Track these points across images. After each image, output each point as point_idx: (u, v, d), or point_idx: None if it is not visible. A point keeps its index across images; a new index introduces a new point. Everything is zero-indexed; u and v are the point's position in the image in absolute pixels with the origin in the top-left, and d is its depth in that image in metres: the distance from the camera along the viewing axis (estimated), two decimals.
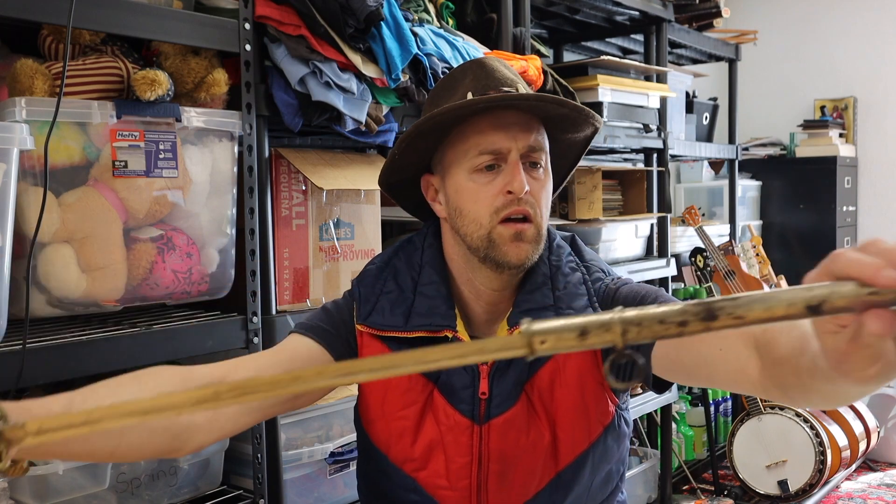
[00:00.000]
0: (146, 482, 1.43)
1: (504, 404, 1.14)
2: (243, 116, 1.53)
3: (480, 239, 1.12)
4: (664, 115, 2.76)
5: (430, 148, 1.18)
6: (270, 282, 1.60)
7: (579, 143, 1.23)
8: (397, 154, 1.16)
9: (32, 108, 1.24)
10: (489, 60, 1.20)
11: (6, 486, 1.25)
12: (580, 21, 2.86)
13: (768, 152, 4.39)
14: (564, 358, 1.14)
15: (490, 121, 1.10)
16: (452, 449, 1.15)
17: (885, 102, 4.41)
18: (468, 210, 1.12)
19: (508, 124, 1.11)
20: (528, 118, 1.12)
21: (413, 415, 1.16)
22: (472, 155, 1.11)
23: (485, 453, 1.14)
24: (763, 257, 3.71)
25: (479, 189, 1.11)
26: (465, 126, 1.12)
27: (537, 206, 1.12)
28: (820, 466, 3.00)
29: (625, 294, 1.15)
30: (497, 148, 1.10)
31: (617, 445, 1.20)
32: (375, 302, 1.18)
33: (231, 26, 1.50)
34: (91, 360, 1.31)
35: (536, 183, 1.13)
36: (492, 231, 1.11)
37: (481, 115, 1.11)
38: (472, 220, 1.12)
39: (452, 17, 2.10)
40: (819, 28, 4.53)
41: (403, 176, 1.23)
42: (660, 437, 3.01)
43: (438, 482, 1.16)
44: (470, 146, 1.11)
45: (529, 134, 1.11)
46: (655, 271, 2.79)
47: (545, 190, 1.14)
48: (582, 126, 1.18)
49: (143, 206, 1.38)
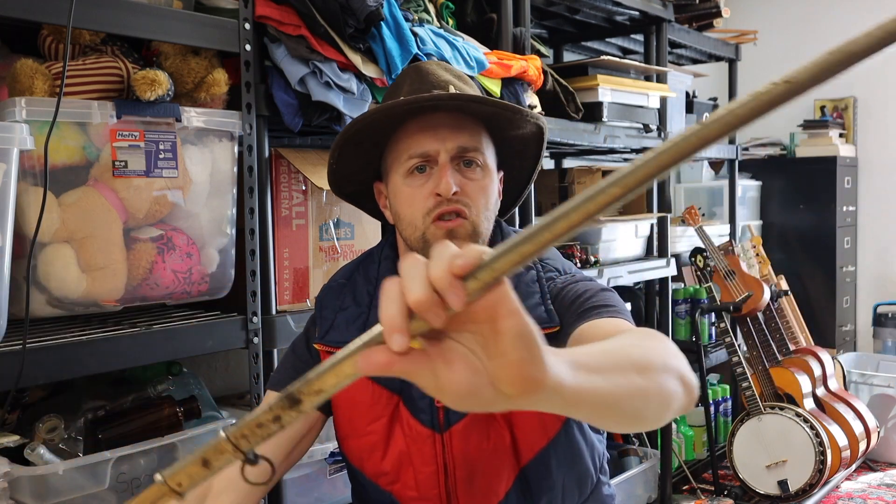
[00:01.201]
0: (146, 482, 1.43)
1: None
2: (243, 116, 1.53)
3: (417, 241, 1.14)
4: (664, 115, 2.76)
5: (371, 156, 1.19)
6: (270, 282, 1.60)
7: (530, 139, 1.22)
8: (334, 164, 1.18)
9: (32, 108, 1.24)
10: (426, 65, 1.21)
11: (6, 486, 1.25)
12: (580, 21, 2.86)
13: (768, 152, 4.39)
14: None
15: (419, 124, 1.12)
16: (418, 459, 1.16)
17: (885, 102, 4.41)
18: (404, 213, 1.15)
19: (436, 126, 1.11)
20: (458, 119, 1.13)
21: (381, 429, 1.17)
22: (403, 159, 1.13)
23: (450, 461, 1.15)
24: (763, 257, 3.71)
25: (412, 192, 1.13)
26: (399, 132, 1.14)
27: (473, 203, 1.12)
28: (820, 466, 3.00)
29: (564, 295, 1.13)
30: (424, 151, 1.11)
31: (585, 440, 1.20)
32: (333, 319, 1.21)
33: (231, 26, 1.50)
34: (91, 360, 1.31)
35: (471, 182, 1.13)
36: (426, 232, 1.12)
37: (412, 119, 1.12)
38: (409, 223, 1.14)
39: (452, 17, 2.10)
40: (819, 28, 4.53)
41: (359, 186, 1.25)
42: (660, 437, 3.01)
43: (410, 494, 1.17)
44: (402, 151, 1.13)
45: (459, 134, 1.12)
46: (655, 271, 2.79)
47: (482, 187, 1.14)
48: (520, 123, 1.17)
49: (143, 206, 1.38)
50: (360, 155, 1.18)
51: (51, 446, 1.39)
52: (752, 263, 3.66)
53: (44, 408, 1.49)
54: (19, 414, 1.48)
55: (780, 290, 3.58)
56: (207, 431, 1.53)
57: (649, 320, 2.88)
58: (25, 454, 1.33)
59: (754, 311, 3.26)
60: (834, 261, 4.16)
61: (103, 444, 1.39)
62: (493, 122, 1.17)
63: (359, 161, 1.19)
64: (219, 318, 1.54)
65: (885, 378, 3.66)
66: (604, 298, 1.10)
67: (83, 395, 1.53)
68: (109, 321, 1.44)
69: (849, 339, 4.37)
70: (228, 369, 2.10)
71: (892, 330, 4.16)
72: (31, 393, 1.55)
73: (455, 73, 1.22)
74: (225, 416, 1.62)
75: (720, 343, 3.30)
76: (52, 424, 1.42)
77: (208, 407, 1.63)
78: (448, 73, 1.20)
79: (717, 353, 3.37)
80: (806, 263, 4.22)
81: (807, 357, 3.33)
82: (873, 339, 4.28)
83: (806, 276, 4.21)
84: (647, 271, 2.75)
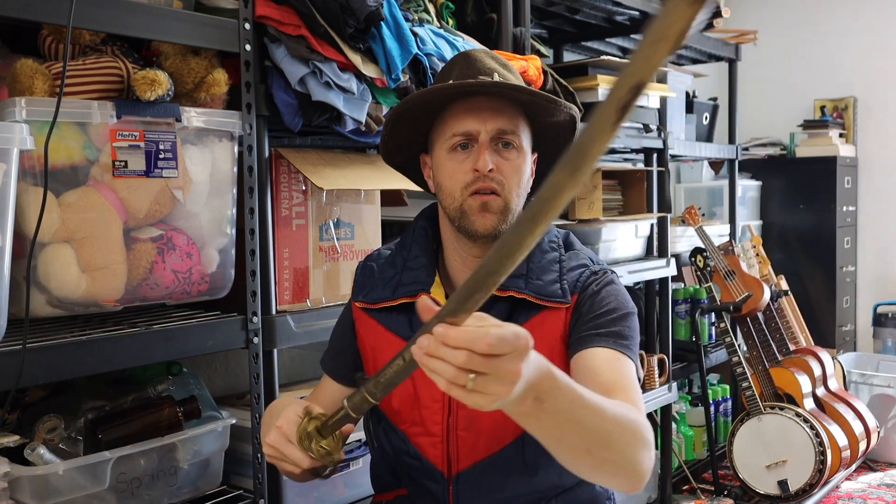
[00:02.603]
0: (146, 482, 1.43)
1: None
2: (243, 116, 1.53)
3: (455, 210, 1.24)
4: (664, 115, 2.76)
5: (419, 131, 1.30)
6: (270, 282, 1.60)
7: (565, 125, 1.31)
8: (386, 136, 1.31)
9: (32, 108, 1.24)
10: (474, 52, 1.32)
11: (6, 486, 1.26)
12: (580, 21, 2.86)
13: (768, 152, 4.39)
14: (539, 323, 1.23)
15: (464, 106, 1.23)
16: (426, 396, 1.26)
17: (885, 102, 4.41)
18: (445, 185, 1.26)
19: (480, 109, 1.22)
20: (500, 103, 1.24)
21: None
22: (448, 136, 1.24)
23: (453, 398, 1.20)
24: (763, 257, 3.71)
25: (454, 166, 1.24)
26: (445, 112, 1.25)
27: (506, 182, 1.23)
28: (820, 466, 3.00)
29: (594, 297, 1.25)
30: (467, 130, 1.22)
31: None
32: (372, 286, 1.35)
33: (231, 26, 1.50)
34: (91, 360, 1.31)
35: (507, 162, 1.24)
36: (463, 203, 1.23)
37: (458, 100, 1.23)
38: (448, 194, 1.25)
39: (452, 17, 2.10)
40: (819, 28, 4.53)
41: (408, 155, 1.35)
42: (660, 437, 3.01)
43: (416, 430, 1.27)
44: (447, 129, 1.24)
45: (499, 117, 1.23)
46: (655, 271, 2.79)
47: (517, 167, 1.25)
48: (554, 112, 1.27)
49: (143, 206, 1.38)
50: (411, 129, 1.29)
51: (51, 446, 1.39)
52: (752, 263, 3.65)
53: (44, 408, 1.49)
54: (19, 414, 1.48)
55: (780, 290, 3.58)
56: (207, 431, 1.53)
57: (649, 320, 2.88)
58: (25, 454, 1.33)
59: (754, 311, 3.26)
60: (834, 261, 4.16)
61: (103, 444, 1.39)
62: (530, 108, 1.27)
63: (409, 134, 1.30)
64: (219, 318, 1.54)
65: (885, 378, 3.66)
66: (625, 327, 1.22)
67: (83, 395, 1.53)
68: (109, 321, 1.44)
69: (849, 339, 4.37)
70: (228, 369, 2.10)
71: (892, 330, 4.16)
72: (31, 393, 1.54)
73: (501, 61, 1.32)
74: (225, 416, 1.62)
75: (720, 343, 3.30)
76: (52, 424, 1.42)
77: (208, 407, 1.63)
78: (494, 62, 1.30)
79: (717, 353, 3.37)
80: (806, 263, 4.22)
81: (807, 357, 3.33)
82: (873, 339, 4.28)
83: (806, 276, 4.21)
84: (648, 271, 2.75)
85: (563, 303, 1.24)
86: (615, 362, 1.17)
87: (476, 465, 1.24)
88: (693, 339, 3.22)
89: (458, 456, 1.25)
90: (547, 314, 1.24)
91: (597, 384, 1.07)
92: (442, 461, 1.26)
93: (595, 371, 1.15)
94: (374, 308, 1.32)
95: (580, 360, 1.19)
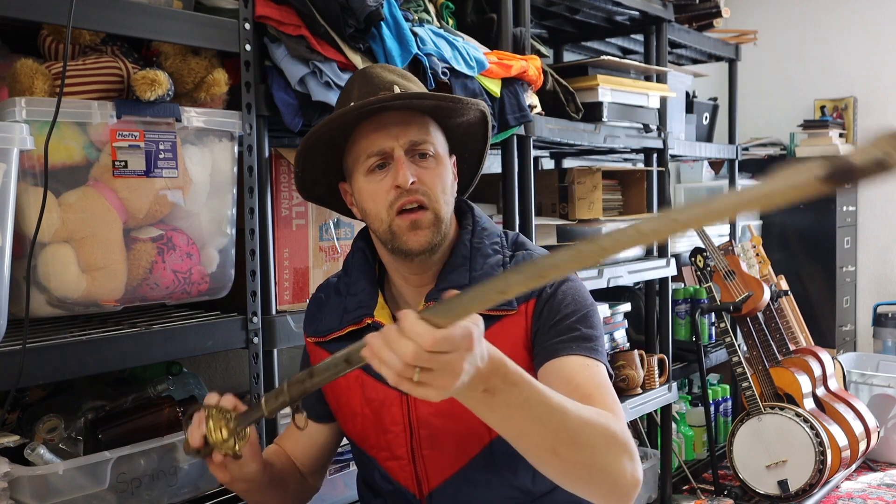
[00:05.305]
0: (146, 482, 1.43)
1: None
2: (243, 116, 1.53)
3: (384, 232, 1.22)
4: (664, 115, 2.76)
5: (332, 160, 1.27)
6: (270, 282, 1.60)
7: (476, 124, 1.30)
8: (300, 171, 1.27)
9: (32, 108, 1.24)
10: (371, 68, 1.29)
11: (6, 486, 1.25)
12: (580, 21, 2.86)
13: (768, 152, 4.39)
14: (499, 331, 1.20)
15: (372, 125, 1.20)
16: (388, 420, 1.26)
17: (885, 102, 4.41)
18: (370, 209, 1.23)
19: (388, 125, 1.19)
20: (407, 115, 1.21)
21: (356, 399, 1.30)
22: (362, 159, 1.21)
23: (414, 420, 1.24)
24: (763, 257, 3.71)
25: (374, 188, 1.21)
26: (354, 135, 1.22)
27: (430, 191, 1.20)
28: (820, 466, 3.00)
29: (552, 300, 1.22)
30: (380, 149, 1.19)
31: None
32: (321, 318, 1.34)
33: (231, 26, 1.50)
34: (91, 360, 1.31)
35: (426, 171, 1.21)
36: (391, 224, 1.20)
37: (364, 121, 1.20)
38: (375, 217, 1.22)
39: (452, 17, 2.10)
40: (819, 28, 4.53)
41: (326, 187, 1.33)
42: (660, 437, 3.01)
43: (383, 454, 1.28)
44: (360, 152, 1.21)
45: (409, 129, 1.20)
46: (655, 271, 2.79)
47: (437, 175, 1.22)
48: (462, 111, 1.26)
49: (143, 206, 1.38)
50: (323, 160, 1.26)
51: (51, 446, 1.39)
52: (752, 263, 3.65)
53: (44, 408, 1.49)
54: (19, 414, 1.48)
55: (780, 290, 3.57)
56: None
57: (649, 320, 2.88)
58: (25, 454, 1.33)
59: (754, 311, 3.26)
60: (834, 261, 4.16)
61: (103, 444, 1.39)
62: (438, 113, 1.25)
63: (323, 165, 1.28)
64: (219, 318, 1.54)
65: (885, 378, 3.66)
66: (587, 328, 1.20)
67: (83, 395, 1.53)
68: (109, 321, 1.44)
69: (849, 339, 4.37)
70: (228, 369, 2.10)
71: (892, 330, 4.16)
72: (31, 393, 1.55)
73: (398, 72, 1.30)
74: None
75: (720, 343, 3.30)
76: (52, 424, 1.42)
77: None
78: (392, 74, 1.28)
79: (717, 353, 3.37)
80: (806, 263, 4.22)
81: (807, 357, 3.33)
82: (873, 339, 4.28)
83: (806, 276, 4.21)
84: (647, 271, 2.75)
85: (510, 310, 1.21)
86: (585, 370, 1.16)
87: (447, 481, 1.24)
88: (693, 339, 3.22)
89: (427, 475, 1.25)
90: (506, 321, 1.21)
91: (570, 395, 1.06)
92: (412, 482, 1.26)
93: (567, 381, 1.13)
94: (326, 341, 1.31)
95: (551, 372, 1.17)
